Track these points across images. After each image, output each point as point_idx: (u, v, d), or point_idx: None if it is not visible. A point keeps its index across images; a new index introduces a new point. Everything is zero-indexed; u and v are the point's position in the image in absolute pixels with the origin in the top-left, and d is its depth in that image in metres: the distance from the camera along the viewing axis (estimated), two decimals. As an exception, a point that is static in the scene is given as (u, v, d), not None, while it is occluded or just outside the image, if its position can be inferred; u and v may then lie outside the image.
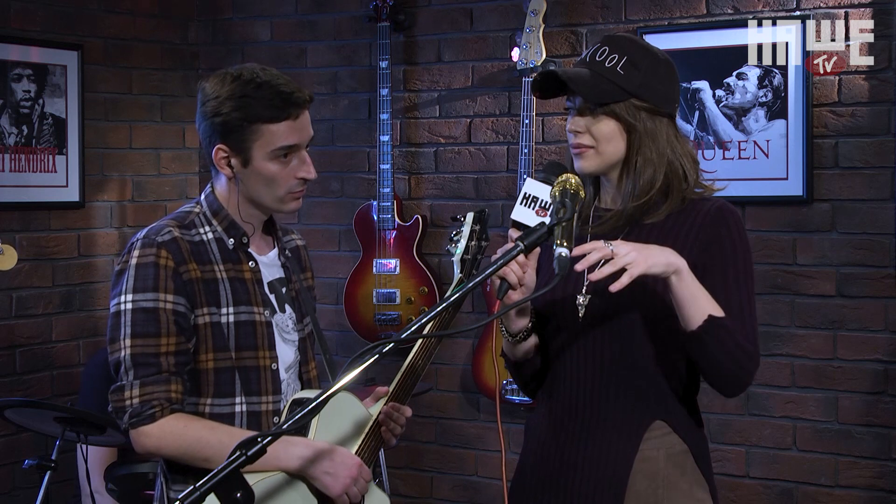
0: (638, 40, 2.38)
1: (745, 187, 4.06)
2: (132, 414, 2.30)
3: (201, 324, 2.36)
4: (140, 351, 2.31)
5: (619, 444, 2.28)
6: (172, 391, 2.31)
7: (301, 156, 2.40)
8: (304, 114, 2.39)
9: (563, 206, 2.08)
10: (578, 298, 2.31)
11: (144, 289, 2.32)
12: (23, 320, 4.57)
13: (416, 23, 4.72)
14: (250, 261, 2.45)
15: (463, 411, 4.67)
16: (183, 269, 2.34)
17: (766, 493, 4.14)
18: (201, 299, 2.36)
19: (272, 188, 2.39)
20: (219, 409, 2.39)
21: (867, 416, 3.97)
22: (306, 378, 2.56)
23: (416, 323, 1.92)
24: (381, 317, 4.57)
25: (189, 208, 2.47)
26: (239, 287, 2.41)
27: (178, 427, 2.30)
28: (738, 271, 2.30)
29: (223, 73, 2.41)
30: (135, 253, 2.35)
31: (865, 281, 3.96)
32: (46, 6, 4.63)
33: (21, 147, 4.53)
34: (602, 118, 2.28)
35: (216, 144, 2.38)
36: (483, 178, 4.63)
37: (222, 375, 2.38)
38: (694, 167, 2.33)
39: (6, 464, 4.48)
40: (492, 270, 2.04)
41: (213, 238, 2.42)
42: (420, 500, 4.79)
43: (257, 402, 2.41)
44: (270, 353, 2.44)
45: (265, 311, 2.45)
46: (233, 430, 2.35)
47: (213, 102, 2.37)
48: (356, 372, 1.87)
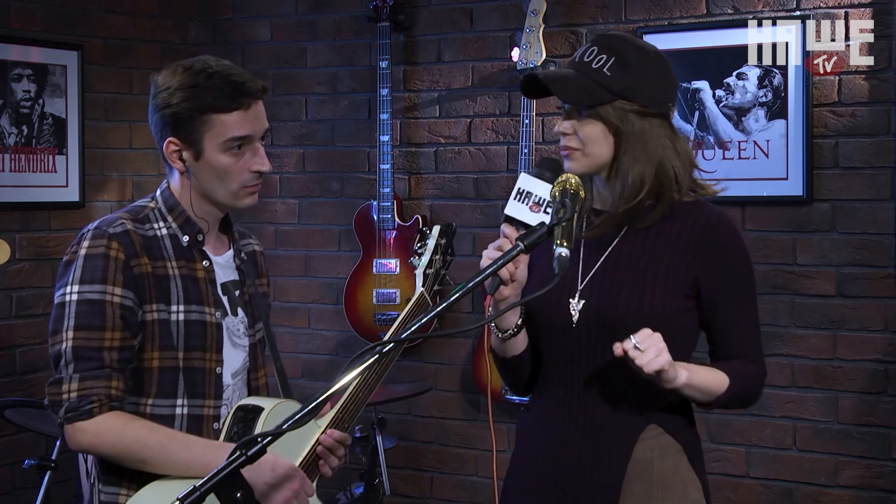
0: (630, 39, 2.35)
1: (745, 187, 4.06)
2: (68, 408, 2.20)
3: (149, 320, 2.28)
4: (82, 344, 2.21)
5: (613, 447, 2.28)
6: (113, 388, 2.21)
7: (255, 148, 2.32)
8: (257, 104, 2.32)
9: (563, 206, 2.07)
10: (571, 303, 2.30)
11: (92, 280, 2.23)
12: (23, 320, 4.57)
13: (416, 23, 4.72)
14: (204, 259, 2.38)
15: (463, 411, 4.67)
16: (134, 263, 2.26)
17: (766, 493, 4.14)
18: (151, 295, 2.28)
19: (225, 182, 2.31)
20: (159, 410, 2.30)
21: (867, 416, 3.97)
22: (255, 385, 2.48)
23: (417, 322, 1.92)
24: (381, 317, 4.57)
25: (144, 203, 2.39)
26: (191, 285, 2.33)
27: (116, 425, 2.21)
28: (744, 290, 2.33)
29: (175, 64, 2.34)
30: (84, 243, 2.27)
31: (865, 281, 3.96)
32: (46, 6, 4.63)
33: (21, 147, 4.53)
34: (588, 120, 2.27)
35: (167, 137, 2.31)
36: (483, 178, 4.63)
37: (166, 375, 2.29)
38: (687, 168, 2.31)
39: (6, 464, 4.48)
40: (492, 270, 2.03)
41: (168, 234, 2.34)
42: (420, 500, 4.79)
43: (200, 405, 2.33)
44: (217, 356, 2.36)
45: (216, 313, 2.36)
46: (174, 432, 2.26)
47: (163, 94, 2.30)
48: (356, 372, 1.87)
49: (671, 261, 2.28)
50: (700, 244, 2.28)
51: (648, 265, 2.28)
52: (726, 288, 2.29)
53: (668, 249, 2.28)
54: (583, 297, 2.30)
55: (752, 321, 2.34)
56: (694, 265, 2.27)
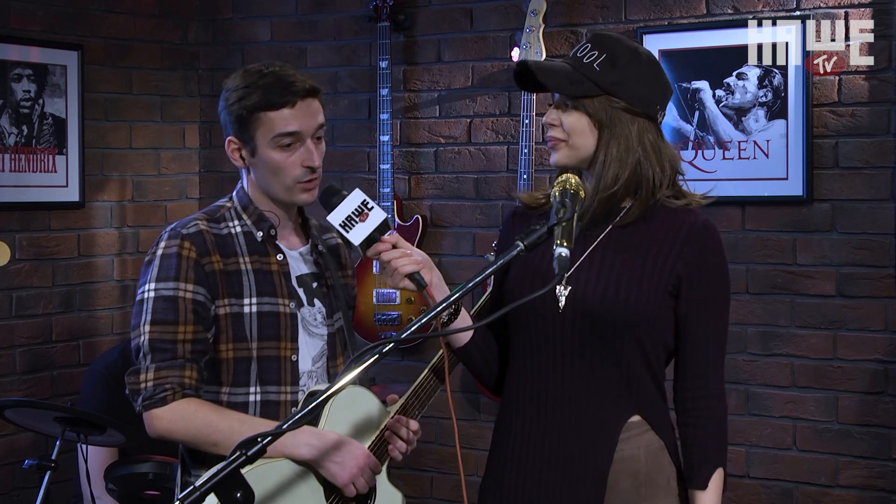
0: (623, 40, 2.38)
1: (745, 187, 4.06)
2: (145, 397, 2.35)
3: (222, 314, 2.41)
4: (158, 337, 2.37)
5: (598, 438, 2.30)
6: (186, 377, 2.36)
7: (306, 144, 2.44)
8: (305, 102, 2.43)
9: (563, 206, 2.09)
10: (559, 289, 2.30)
11: (166, 278, 2.39)
12: (23, 320, 4.57)
13: (416, 23, 4.72)
14: (278, 253, 2.51)
15: (463, 411, 4.67)
16: (205, 261, 2.40)
17: (766, 493, 4.14)
18: (222, 290, 2.41)
19: (279, 177, 2.45)
20: (235, 398, 2.43)
21: (867, 416, 3.97)
22: (333, 373, 2.58)
23: (417, 322, 1.92)
24: (381, 317, 4.57)
25: (222, 203, 2.55)
26: (263, 279, 2.46)
27: (188, 410, 2.35)
28: (719, 299, 2.36)
29: (242, 68, 2.50)
30: (161, 244, 2.43)
31: (865, 281, 3.96)
32: (46, 6, 4.63)
33: (21, 147, 4.53)
34: (573, 112, 2.31)
35: (227, 137, 2.48)
36: (483, 178, 4.63)
37: (240, 365, 2.43)
38: (668, 174, 2.33)
39: (6, 464, 4.48)
40: (491, 270, 2.04)
41: (242, 231, 2.49)
42: (420, 500, 4.79)
43: (275, 391, 2.45)
44: (292, 344, 2.48)
45: (291, 303, 2.49)
46: (243, 416, 2.39)
47: (226, 95, 2.47)
48: (356, 372, 1.87)
49: (657, 257, 2.30)
50: (685, 245, 2.31)
51: (635, 259, 2.31)
52: (703, 292, 2.32)
53: (654, 246, 2.31)
54: (569, 284, 2.31)
55: (721, 334, 2.37)
56: (678, 263, 2.30)
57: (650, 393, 2.34)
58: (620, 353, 2.29)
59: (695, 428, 2.34)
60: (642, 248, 2.31)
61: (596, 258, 2.32)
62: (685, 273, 2.30)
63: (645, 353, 2.31)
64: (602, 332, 2.28)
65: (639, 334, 2.29)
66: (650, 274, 2.29)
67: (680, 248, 2.30)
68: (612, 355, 2.30)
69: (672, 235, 2.31)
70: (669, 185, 2.33)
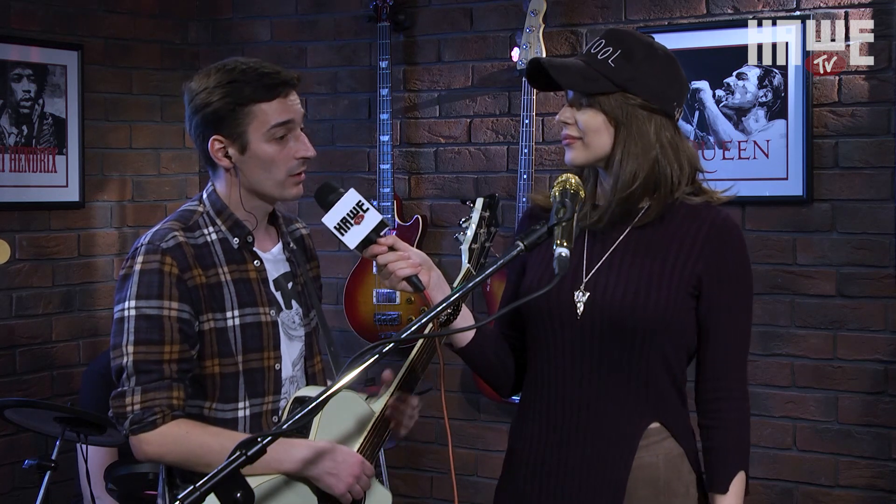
0: (639, 35, 2.33)
1: (745, 187, 4.06)
2: (133, 420, 2.28)
3: (206, 329, 2.35)
4: (143, 358, 2.29)
5: (617, 445, 2.26)
6: (174, 398, 2.29)
7: (297, 135, 2.40)
8: (293, 93, 2.40)
9: (563, 206, 2.06)
10: (577, 295, 2.28)
11: (149, 296, 2.30)
12: (23, 320, 4.57)
13: (416, 23, 4.72)
14: (255, 260, 2.44)
15: (463, 411, 4.67)
16: (187, 276, 2.33)
17: (766, 493, 4.14)
18: (206, 305, 2.34)
19: (272, 172, 2.38)
20: (222, 414, 2.37)
21: (867, 416, 3.97)
22: (311, 372, 2.55)
23: (417, 322, 1.92)
24: (381, 317, 4.57)
25: (192, 206, 2.45)
26: (243, 288, 2.40)
27: (179, 433, 2.29)
28: (742, 299, 2.31)
29: (206, 69, 2.42)
30: (139, 259, 2.33)
31: (865, 281, 3.96)
32: (46, 6, 4.63)
33: (21, 147, 4.53)
34: (588, 110, 2.26)
35: (210, 137, 2.37)
36: (483, 178, 4.63)
37: (227, 381, 2.37)
38: (686, 172, 2.28)
39: (6, 464, 4.48)
40: (492, 270, 2.03)
41: (217, 238, 2.41)
42: (420, 500, 4.79)
43: (259, 403, 2.41)
44: (275, 353, 2.43)
45: (271, 311, 2.44)
46: (235, 434, 2.32)
47: (201, 95, 2.36)
48: (356, 372, 1.87)
49: (676, 259, 2.26)
50: (705, 243, 2.26)
51: (655, 262, 2.26)
52: (724, 291, 2.27)
53: (674, 247, 2.26)
54: (588, 289, 2.28)
55: (743, 333, 2.32)
56: (698, 264, 2.26)
57: (670, 399, 2.29)
58: (641, 358, 2.25)
59: (716, 430, 2.29)
60: (662, 248, 2.27)
61: (615, 262, 2.28)
62: (706, 273, 2.25)
63: (666, 358, 2.27)
64: (622, 338, 2.24)
65: (660, 339, 2.24)
66: (670, 276, 2.25)
67: (700, 248, 2.26)
68: (632, 361, 2.25)
69: (692, 234, 2.27)
70: (688, 182, 2.29)
